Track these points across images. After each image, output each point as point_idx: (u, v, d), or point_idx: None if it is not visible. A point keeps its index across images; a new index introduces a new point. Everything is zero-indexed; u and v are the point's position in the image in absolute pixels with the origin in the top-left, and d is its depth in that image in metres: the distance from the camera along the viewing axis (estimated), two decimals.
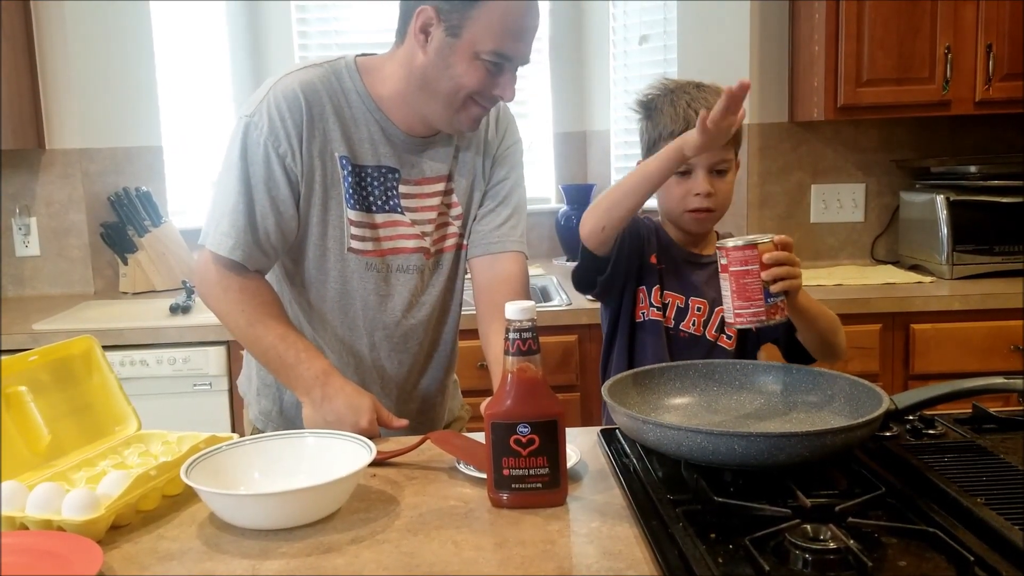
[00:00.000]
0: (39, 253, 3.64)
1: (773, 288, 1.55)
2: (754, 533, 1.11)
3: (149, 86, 3.68)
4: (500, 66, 1.68)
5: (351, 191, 1.77)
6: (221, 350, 2.95)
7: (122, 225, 3.55)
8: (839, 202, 3.76)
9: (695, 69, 3.47)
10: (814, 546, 1.07)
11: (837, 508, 1.18)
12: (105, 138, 3.61)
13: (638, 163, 1.80)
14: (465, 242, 1.91)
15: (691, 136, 1.60)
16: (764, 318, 1.55)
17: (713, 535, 1.15)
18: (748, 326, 1.59)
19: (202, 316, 3.02)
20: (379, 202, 1.80)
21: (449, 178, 1.86)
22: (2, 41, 3.26)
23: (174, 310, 3.10)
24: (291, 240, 1.79)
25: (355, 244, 1.79)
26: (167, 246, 3.62)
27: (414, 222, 1.83)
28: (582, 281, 1.91)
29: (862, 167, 3.76)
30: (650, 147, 1.88)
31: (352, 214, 1.77)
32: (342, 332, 1.85)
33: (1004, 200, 3.26)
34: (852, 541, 1.07)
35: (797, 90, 3.60)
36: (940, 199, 3.30)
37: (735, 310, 1.57)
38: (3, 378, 1.44)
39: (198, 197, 3.81)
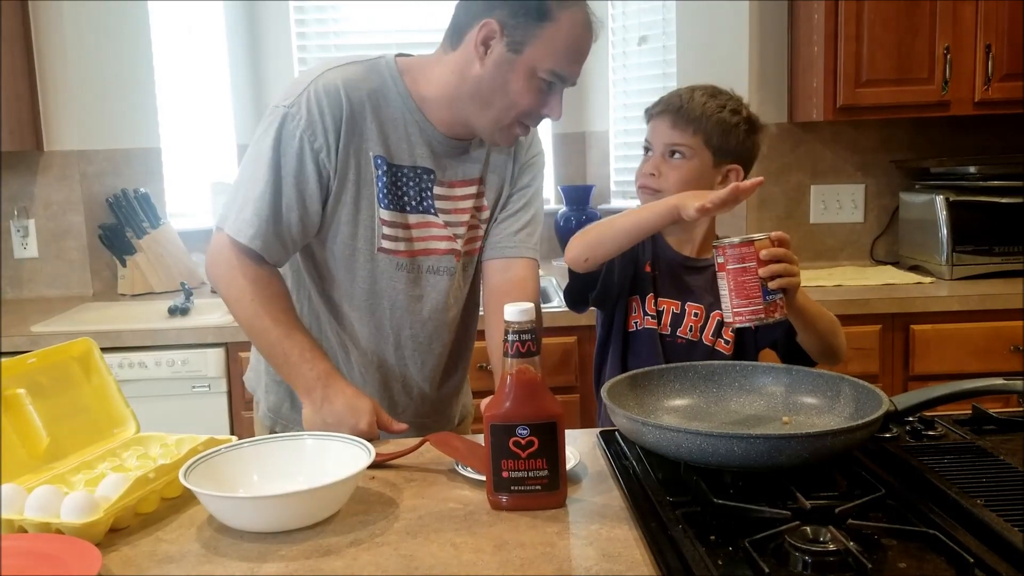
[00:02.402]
0: (37, 255, 3.63)
1: (771, 285, 1.55)
2: (754, 535, 1.11)
3: (147, 87, 3.68)
4: (553, 85, 1.69)
5: (385, 191, 1.76)
6: (220, 352, 2.95)
7: (120, 227, 3.55)
8: (838, 203, 3.76)
9: (694, 70, 3.49)
10: (814, 548, 1.07)
11: (837, 510, 1.18)
12: (103, 140, 3.61)
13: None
14: (481, 244, 1.92)
15: (689, 208, 1.61)
16: (763, 316, 1.55)
17: (713, 537, 1.15)
18: (747, 324, 1.58)
19: (201, 318, 3.02)
20: (413, 202, 1.80)
21: (481, 182, 1.87)
22: (0, 42, 3.26)
23: (172, 312, 3.10)
24: (311, 236, 1.79)
25: (386, 244, 1.79)
26: (165, 248, 3.62)
27: (447, 224, 1.83)
28: (575, 299, 1.93)
29: (861, 168, 3.76)
30: None
31: (385, 214, 1.77)
32: (368, 331, 1.85)
33: (1004, 201, 3.26)
34: (852, 543, 1.07)
35: (796, 91, 3.60)
36: (939, 200, 3.30)
37: (733, 308, 1.56)
38: (2, 380, 1.43)
39: (197, 199, 3.81)
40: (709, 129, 1.84)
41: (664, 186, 1.85)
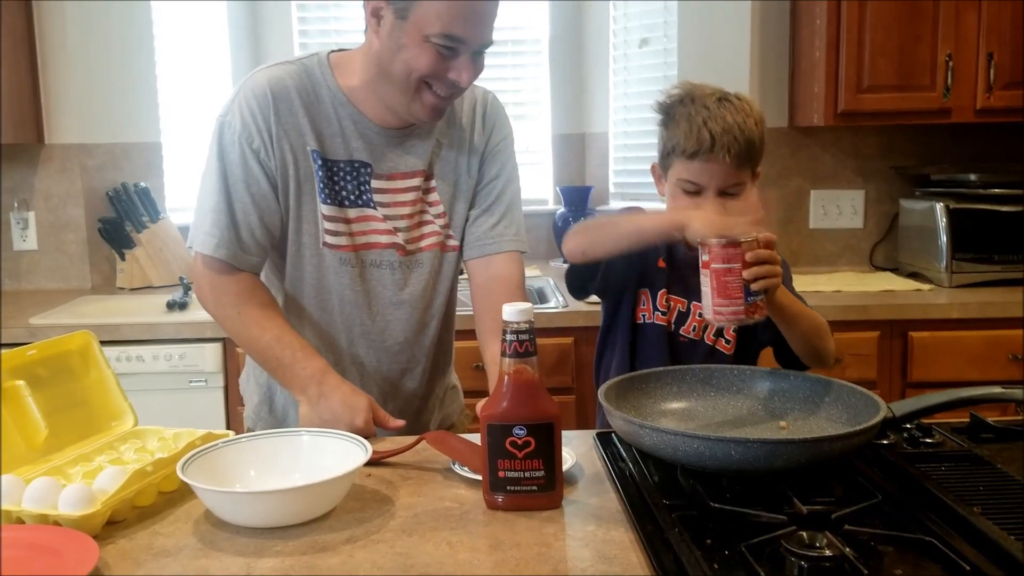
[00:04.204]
0: (36, 247, 3.64)
1: (754, 287, 1.54)
2: (750, 539, 1.11)
3: (149, 82, 3.68)
4: (454, 49, 1.65)
5: (322, 185, 1.77)
6: (217, 347, 2.95)
7: (120, 220, 3.55)
8: (838, 208, 3.77)
9: (695, 73, 3.47)
10: (810, 553, 1.07)
11: (833, 515, 1.18)
12: (104, 133, 3.61)
13: (669, 187, 1.82)
14: (454, 243, 1.90)
15: (694, 228, 1.58)
16: (743, 316, 1.55)
17: (709, 541, 1.15)
18: (727, 324, 1.59)
19: (199, 313, 3.01)
20: (352, 196, 1.80)
21: (428, 176, 1.85)
22: (2, 35, 3.26)
23: (171, 306, 3.09)
24: (277, 235, 1.80)
25: (329, 239, 1.79)
26: (165, 242, 3.62)
27: (386, 217, 1.82)
28: (574, 286, 1.91)
29: (862, 173, 3.76)
30: (663, 156, 1.84)
31: (325, 209, 1.78)
32: (321, 327, 1.85)
33: (1004, 209, 3.26)
34: (848, 549, 1.07)
35: (797, 95, 3.60)
36: (940, 207, 3.30)
37: (714, 307, 1.56)
38: (1, 372, 1.43)
39: (196, 194, 3.80)
40: (758, 157, 1.83)
41: None
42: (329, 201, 1.78)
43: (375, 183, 1.81)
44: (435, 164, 1.86)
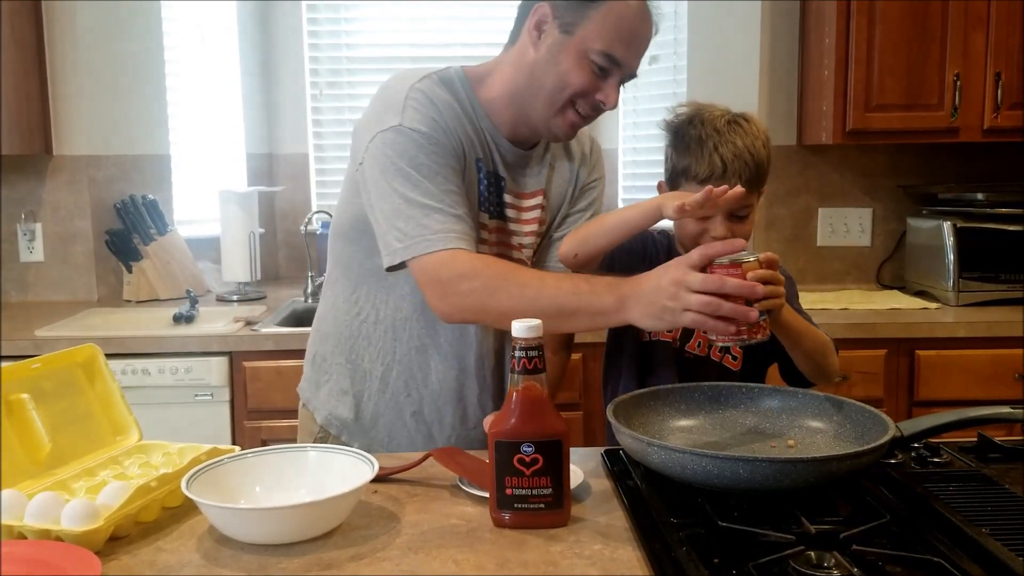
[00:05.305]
0: (43, 259, 3.64)
1: (756, 307, 1.53)
2: (758, 559, 1.11)
3: (159, 94, 3.69)
4: (607, 71, 1.68)
5: (485, 194, 1.78)
6: (223, 361, 2.94)
7: (127, 233, 3.55)
8: (846, 226, 3.77)
9: (705, 91, 3.48)
10: (818, 573, 1.06)
11: (841, 535, 1.18)
12: (113, 145, 3.62)
13: (663, 182, 1.83)
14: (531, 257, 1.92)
15: (670, 208, 1.60)
16: (746, 337, 1.53)
17: (716, 560, 1.14)
18: (729, 344, 1.58)
19: (206, 326, 3.02)
20: (494, 208, 1.81)
21: (545, 195, 1.88)
22: (6, 45, 3.27)
23: (177, 319, 3.09)
24: None
25: (482, 248, 1.77)
26: (172, 255, 3.62)
27: (513, 232, 1.84)
28: None
29: (869, 192, 3.76)
30: (672, 178, 1.85)
31: (482, 216, 1.78)
32: (453, 338, 1.83)
33: (1011, 228, 3.25)
34: (856, 569, 1.07)
35: (806, 113, 3.60)
36: (947, 225, 3.30)
37: None
38: (5, 385, 1.43)
39: (205, 206, 3.81)
40: (765, 178, 1.83)
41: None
42: (486, 210, 1.79)
43: (506, 197, 1.82)
44: (548, 187, 1.88)
